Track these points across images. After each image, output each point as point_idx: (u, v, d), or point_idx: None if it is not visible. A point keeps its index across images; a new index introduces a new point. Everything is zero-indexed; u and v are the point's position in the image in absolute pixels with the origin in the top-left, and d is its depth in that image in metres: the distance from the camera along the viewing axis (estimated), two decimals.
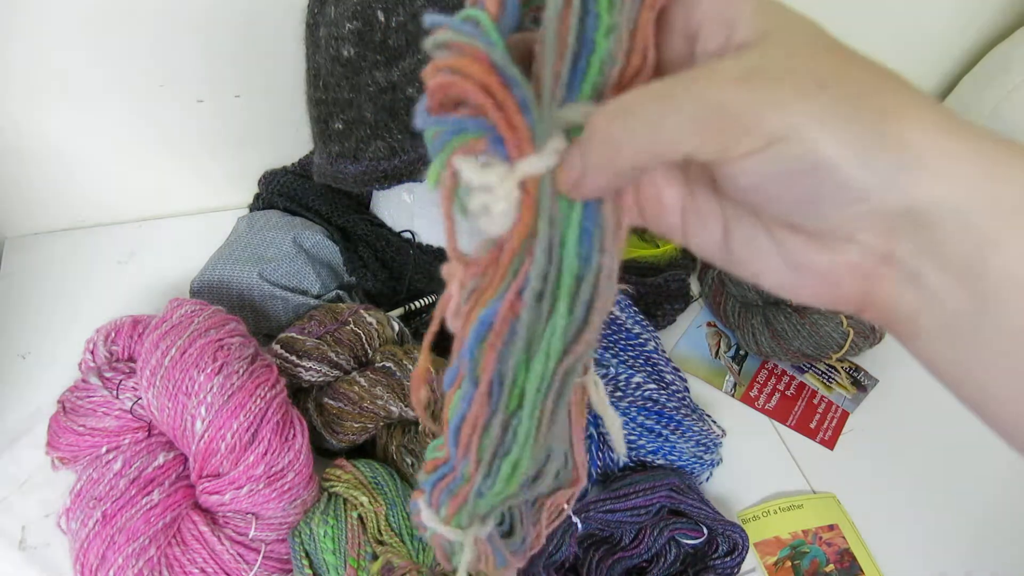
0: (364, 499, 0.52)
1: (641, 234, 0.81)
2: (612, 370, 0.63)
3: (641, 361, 0.65)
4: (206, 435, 0.48)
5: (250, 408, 0.49)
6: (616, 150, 0.19)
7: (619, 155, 0.19)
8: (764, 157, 0.19)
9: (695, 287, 0.80)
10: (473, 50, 0.19)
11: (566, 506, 0.32)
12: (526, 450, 0.23)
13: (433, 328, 0.24)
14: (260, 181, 0.78)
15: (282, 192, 0.75)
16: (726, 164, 0.20)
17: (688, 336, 0.77)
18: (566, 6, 0.19)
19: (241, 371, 0.50)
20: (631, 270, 0.76)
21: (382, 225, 0.74)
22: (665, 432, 0.61)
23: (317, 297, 0.68)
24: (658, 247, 0.79)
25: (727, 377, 0.74)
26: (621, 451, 0.32)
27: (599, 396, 0.30)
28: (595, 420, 0.62)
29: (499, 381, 0.22)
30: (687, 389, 0.66)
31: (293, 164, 0.80)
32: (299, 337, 0.58)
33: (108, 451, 0.52)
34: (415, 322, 0.69)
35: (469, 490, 0.25)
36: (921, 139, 0.19)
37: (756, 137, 0.19)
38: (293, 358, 0.57)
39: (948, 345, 0.20)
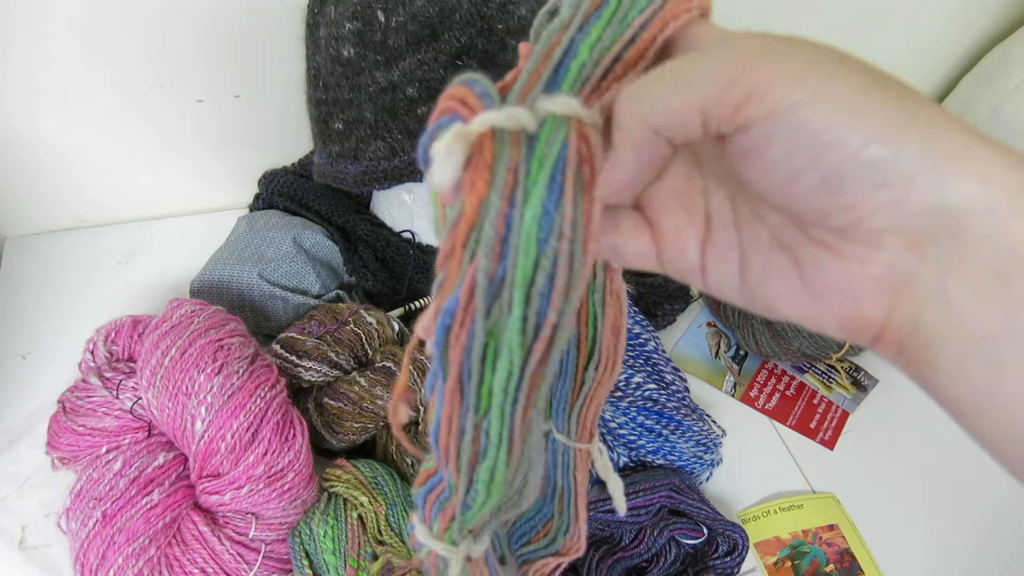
0: (364, 499, 0.52)
1: None
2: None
3: (641, 361, 0.65)
4: (206, 435, 0.48)
5: (250, 408, 0.49)
6: (636, 111, 0.20)
7: (641, 119, 0.20)
8: (786, 121, 0.18)
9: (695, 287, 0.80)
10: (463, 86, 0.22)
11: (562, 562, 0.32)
12: (501, 454, 0.22)
13: (413, 343, 0.23)
14: (260, 181, 0.78)
15: (282, 192, 0.75)
16: (746, 131, 0.19)
17: (688, 336, 0.77)
18: (565, 24, 0.21)
19: (241, 371, 0.50)
20: (631, 270, 0.76)
21: (382, 225, 0.74)
22: (665, 432, 0.61)
23: (317, 297, 0.68)
24: None
25: (727, 377, 0.74)
26: (621, 511, 0.32)
27: (603, 462, 0.30)
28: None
29: (468, 375, 0.21)
30: (687, 389, 0.66)
31: (293, 164, 0.80)
32: (299, 337, 0.59)
33: (108, 451, 0.52)
34: (415, 322, 0.69)
35: (457, 502, 0.24)
36: (953, 137, 0.18)
37: (778, 98, 0.18)
38: (293, 358, 0.57)
39: (970, 371, 0.19)
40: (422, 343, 0.22)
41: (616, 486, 0.31)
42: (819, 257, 0.21)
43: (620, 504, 0.32)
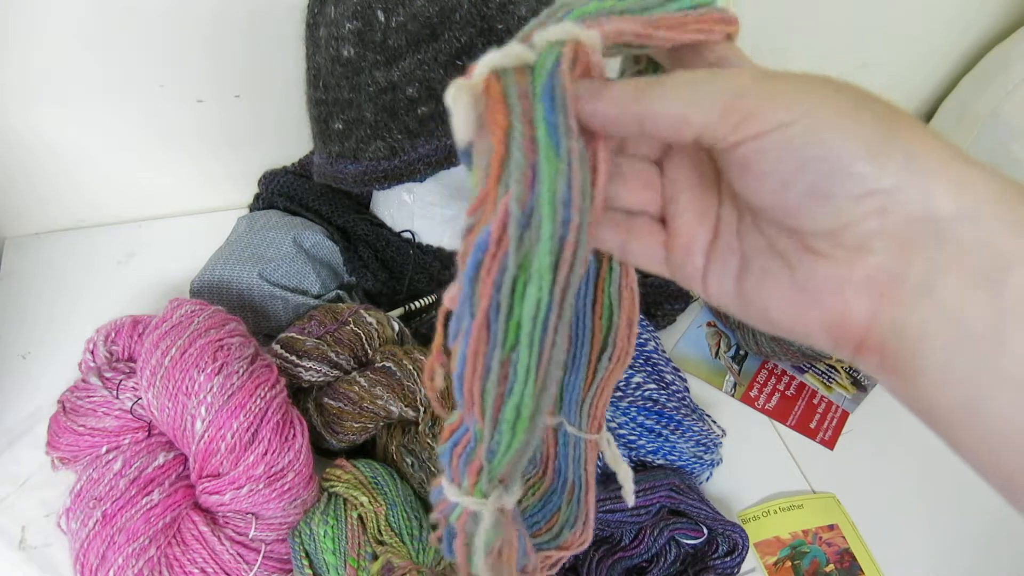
0: (364, 499, 0.52)
1: None
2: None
3: (641, 361, 0.65)
4: (206, 435, 0.48)
5: (250, 408, 0.49)
6: (640, 101, 0.21)
7: (641, 105, 0.21)
8: (774, 138, 0.20)
9: None
10: None
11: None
12: (528, 389, 0.22)
13: (443, 310, 0.23)
14: (260, 181, 0.78)
15: (282, 192, 0.75)
16: (740, 146, 0.20)
17: (688, 336, 0.77)
18: None
19: (241, 371, 0.50)
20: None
21: (382, 225, 0.74)
22: (665, 432, 0.61)
23: (317, 297, 0.68)
24: None
25: (727, 377, 0.74)
26: (630, 502, 0.33)
27: (612, 452, 0.30)
28: None
29: (496, 311, 0.21)
30: (687, 389, 0.66)
31: (293, 164, 0.80)
32: (299, 337, 0.58)
33: (108, 451, 0.52)
34: (415, 322, 0.69)
35: (483, 450, 0.24)
36: (934, 153, 0.19)
37: (767, 119, 0.20)
38: (293, 358, 0.57)
39: (957, 376, 0.19)
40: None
41: (626, 476, 0.31)
42: (810, 260, 0.22)
43: (629, 495, 0.32)
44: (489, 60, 0.20)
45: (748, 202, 0.23)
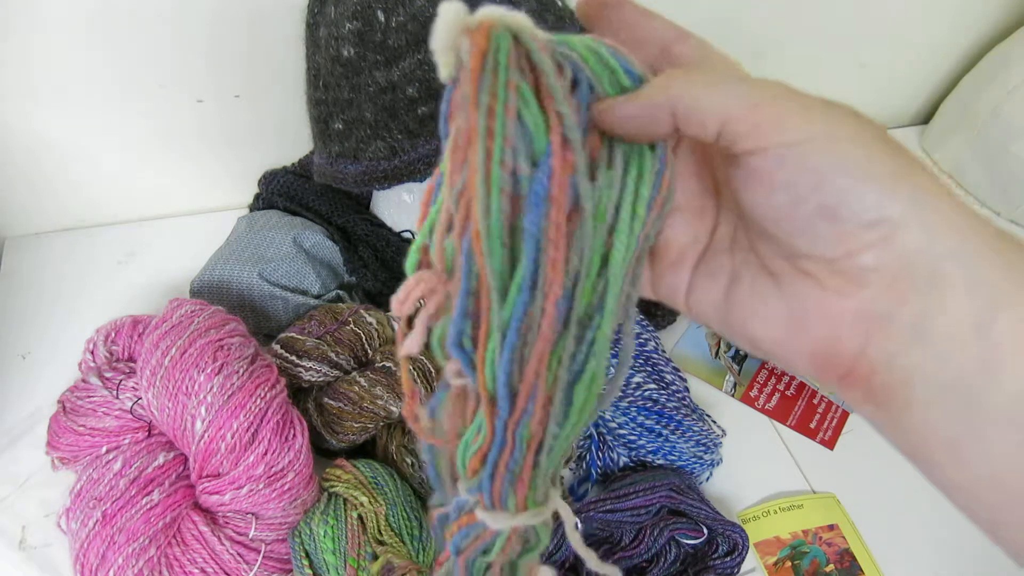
0: (364, 499, 0.52)
1: None
2: (612, 370, 0.63)
3: (641, 361, 0.65)
4: (206, 435, 0.48)
5: (250, 408, 0.49)
6: (669, 90, 0.21)
7: (670, 97, 0.21)
8: (798, 150, 0.20)
9: None
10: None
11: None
12: (603, 358, 0.20)
13: (406, 354, 0.21)
14: (260, 181, 0.78)
15: (282, 192, 0.75)
16: (758, 154, 0.20)
17: (688, 336, 0.77)
18: None
19: (241, 371, 0.50)
20: None
21: (382, 225, 0.74)
22: (665, 432, 0.61)
23: (317, 297, 0.68)
24: None
25: (727, 377, 0.74)
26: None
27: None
28: (596, 419, 0.63)
29: (572, 281, 0.19)
30: (687, 389, 0.66)
31: (293, 164, 0.80)
32: (299, 337, 0.59)
33: (108, 451, 0.52)
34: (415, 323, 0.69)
35: (533, 455, 0.21)
36: (934, 194, 0.20)
37: (793, 130, 0.20)
38: (293, 358, 0.57)
39: (945, 414, 0.20)
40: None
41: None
42: (804, 286, 0.21)
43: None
44: (486, 10, 0.18)
45: (751, 213, 0.22)
